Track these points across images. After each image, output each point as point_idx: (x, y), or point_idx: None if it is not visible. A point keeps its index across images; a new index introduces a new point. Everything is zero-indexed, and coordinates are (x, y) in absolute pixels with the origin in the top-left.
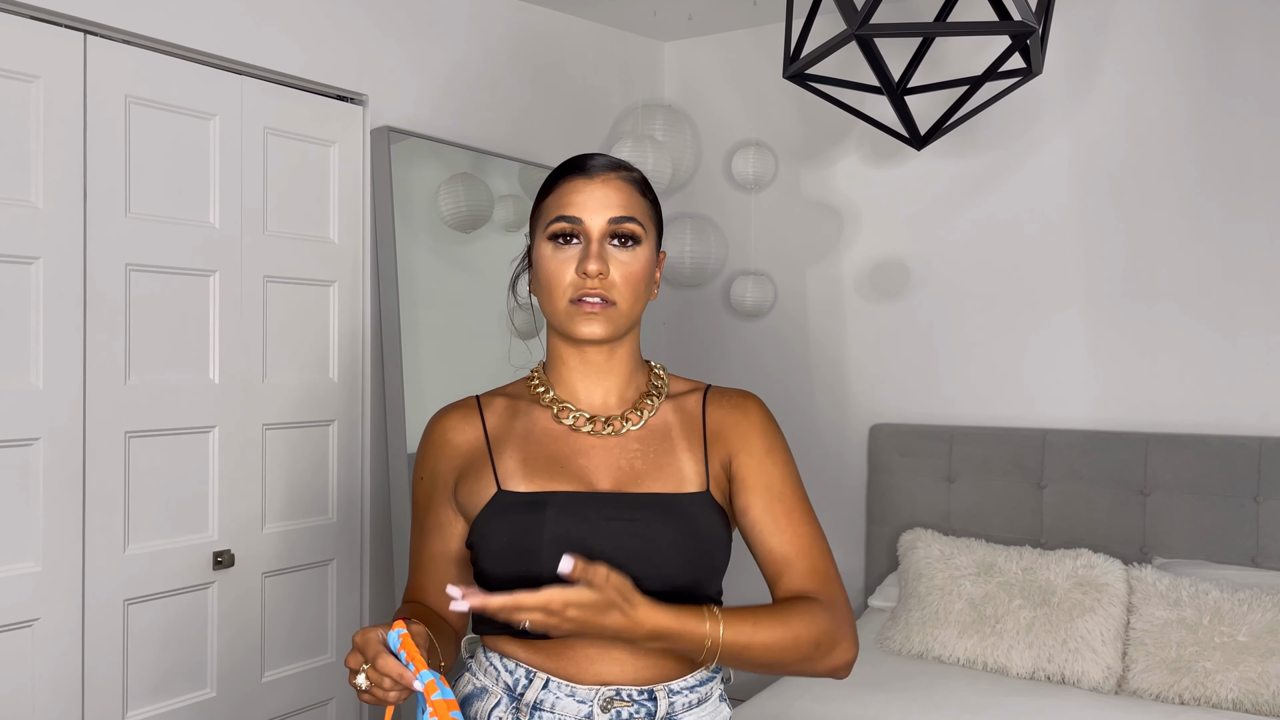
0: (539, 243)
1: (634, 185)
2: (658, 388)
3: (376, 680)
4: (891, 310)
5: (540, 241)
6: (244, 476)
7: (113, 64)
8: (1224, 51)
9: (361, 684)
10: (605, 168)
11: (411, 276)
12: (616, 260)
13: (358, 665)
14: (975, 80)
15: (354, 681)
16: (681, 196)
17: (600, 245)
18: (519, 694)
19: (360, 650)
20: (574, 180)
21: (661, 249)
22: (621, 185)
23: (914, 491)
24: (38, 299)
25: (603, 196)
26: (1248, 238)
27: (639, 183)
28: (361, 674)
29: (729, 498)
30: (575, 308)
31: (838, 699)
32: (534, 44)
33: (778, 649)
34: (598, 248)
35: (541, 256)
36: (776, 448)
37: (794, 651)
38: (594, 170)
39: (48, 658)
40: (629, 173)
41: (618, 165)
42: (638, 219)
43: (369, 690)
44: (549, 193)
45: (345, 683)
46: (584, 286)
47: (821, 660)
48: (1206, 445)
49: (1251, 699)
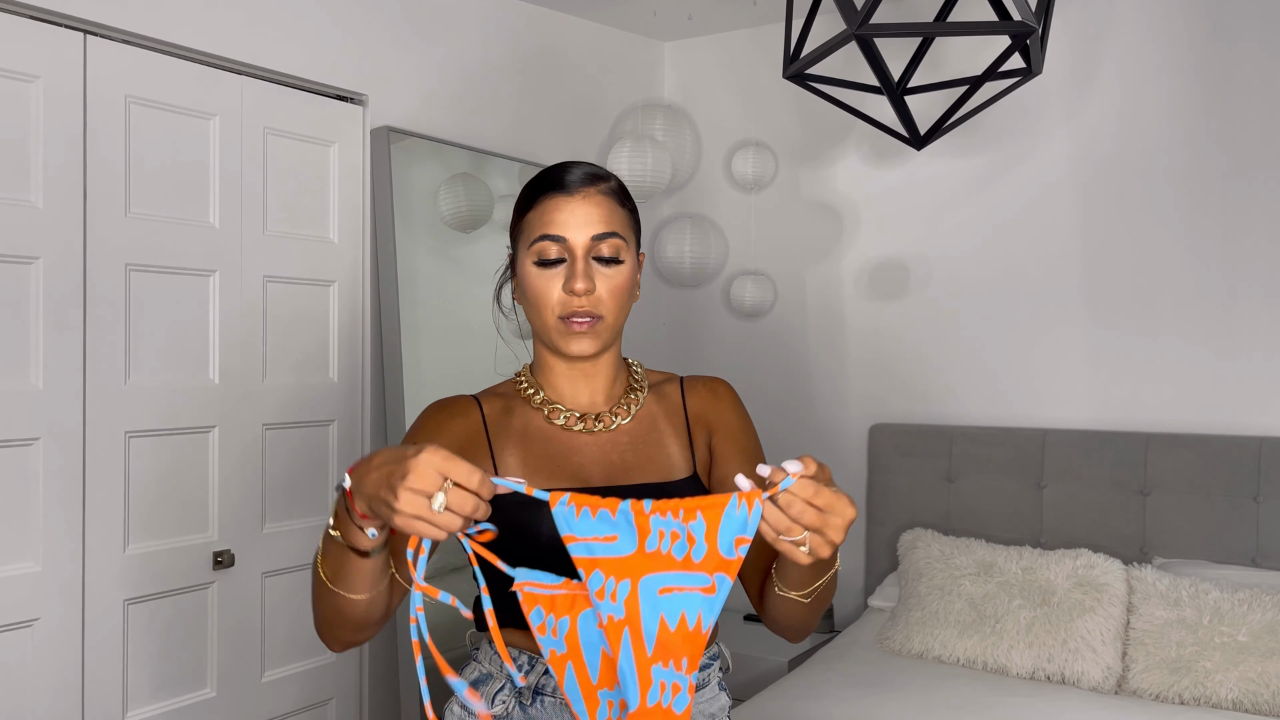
0: (523, 259)
1: (613, 197)
2: (638, 382)
3: (459, 504)
4: (891, 310)
5: (524, 258)
6: (244, 476)
7: (113, 64)
8: (1224, 51)
9: (437, 505)
10: (584, 182)
11: (411, 276)
12: (602, 275)
13: (434, 485)
14: (975, 80)
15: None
16: (681, 196)
17: (585, 263)
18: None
19: (439, 467)
20: (555, 198)
21: (641, 250)
22: (601, 200)
23: (914, 491)
24: (37, 299)
25: (584, 214)
26: (1248, 237)
27: (617, 193)
28: (442, 494)
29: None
30: (564, 324)
31: (838, 699)
32: (534, 44)
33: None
34: (583, 266)
35: (527, 274)
36: (749, 426)
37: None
38: (573, 186)
39: (48, 658)
40: (606, 183)
41: (595, 177)
42: (619, 233)
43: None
44: (529, 207)
45: (345, 683)
46: (571, 305)
47: (810, 628)
48: (1206, 445)
49: (1251, 699)
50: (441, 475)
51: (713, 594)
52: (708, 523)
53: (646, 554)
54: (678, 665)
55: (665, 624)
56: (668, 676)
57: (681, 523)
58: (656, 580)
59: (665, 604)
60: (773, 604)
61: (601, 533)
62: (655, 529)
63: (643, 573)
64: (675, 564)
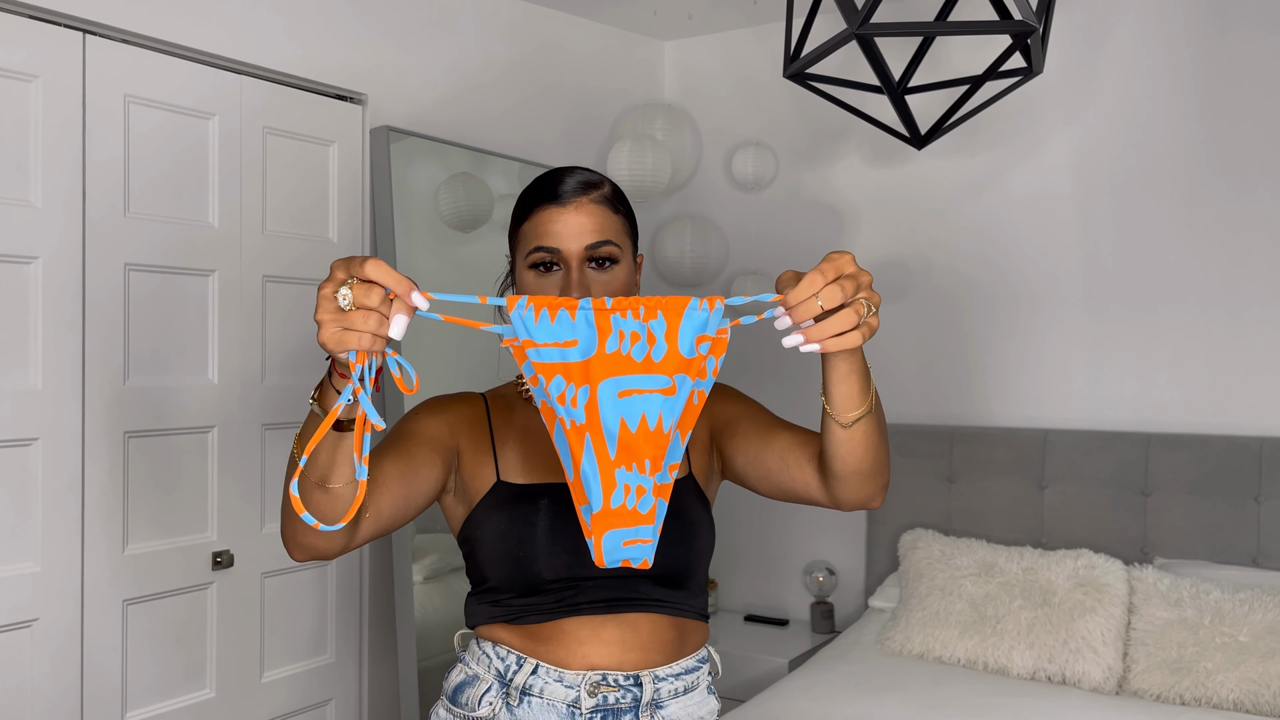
0: (520, 268)
1: (606, 205)
2: None
3: (362, 296)
4: (891, 310)
5: (521, 267)
6: (244, 476)
7: (112, 63)
8: (1224, 51)
9: (343, 302)
10: (577, 191)
11: (411, 276)
12: (597, 282)
13: (334, 287)
14: (976, 80)
15: (326, 313)
16: (681, 196)
17: (580, 272)
18: (509, 679)
19: (343, 266)
20: (548, 209)
21: (639, 253)
22: (595, 209)
23: (914, 491)
24: (36, 299)
25: (578, 224)
26: (1248, 237)
27: (611, 200)
28: (345, 288)
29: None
30: None
31: (838, 699)
32: (534, 43)
33: (883, 429)
34: (578, 275)
35: (525, 283)
36: (739, 395)
37: (884, 441)
38: (566, 197)
39: (47, 658)
40: (600, 190)
41: (588, 185)
42: (613, 240)
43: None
44: (524, 218)
45: (345, 683)
46: None
47: (884, 471)
48: (1207, 445)
49: (1253, 699)
50: (350, 275)
51: (673, 394)
52: (668, 321)
53: (606, 355)
54: (640, 467)
55: (626, 426)
56: (631, 479)
57: (642, 321)
58: (616, 384)
59: (625, 406)
60: (836, 451)
61: (562, 337)
62: (615, 329)
63: (602, 376)
64: (635, 366)
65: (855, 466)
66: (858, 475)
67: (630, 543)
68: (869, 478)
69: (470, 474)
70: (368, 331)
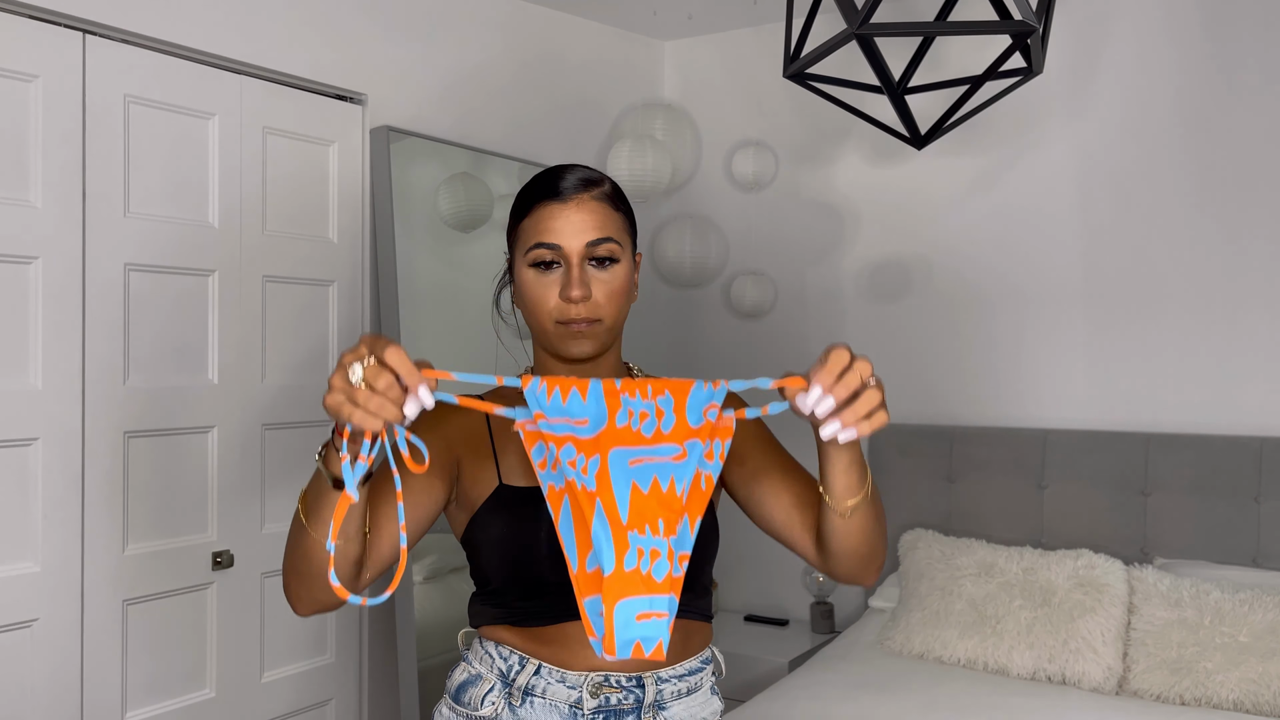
0: (520, 266)
1: (607, 202)
2: None
3: (371, 378)
4: (891, 310)
5: (521, 265)
6: (244, 476)
7: (112, 63)
8: (1225, 51)
9: (353, 376)
10: (577, 188)
11: (411, 276)
12: (598, 280)
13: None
14: (976, 80)
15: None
16: (681, 196)
17: (580, 270)
18: (511, 679)
19: (369, 342)
20: (548, 206)
21: (638, 251)
22: (595, 206)
23: (914, 492)
24: (37, 299)
25: (578, 221)
26: (1248, 237)
27: (611, 197)
28: (358, 365)
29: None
30: (563, 329)
31: (838, 699)
32: (534, 43)
33: (881, 516)
34: (578, 273)
35: (524, 281)
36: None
37: (882, 527)
38: (566, 193)
39: (47, 658)
40: (601, 188)
41: (588, 183)
42: (614, 238)
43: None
44: (524, 215)
45: (345, 683)
46: (568, 312)
47: (880, 555)
48: (1207, 445)
49: (1253, 699)
50: (370, 353)
51: (684, 459)
52: (675, 398)
53: (616, 429)
54: (654, 529)
55: (638, 489)
56: (644, 543)
57: (650, 400)
58: (626, 453)
59: (636, 472)
60: (833, 533)
61: (574, 415)
62: (625, 407)
63: (612, 446)
64: (644, 440)
65: (852, 549)
66: (853, 557)
67: (645, 616)
68: (864, 561)
69: (471, 481)
70: (368, 411)
